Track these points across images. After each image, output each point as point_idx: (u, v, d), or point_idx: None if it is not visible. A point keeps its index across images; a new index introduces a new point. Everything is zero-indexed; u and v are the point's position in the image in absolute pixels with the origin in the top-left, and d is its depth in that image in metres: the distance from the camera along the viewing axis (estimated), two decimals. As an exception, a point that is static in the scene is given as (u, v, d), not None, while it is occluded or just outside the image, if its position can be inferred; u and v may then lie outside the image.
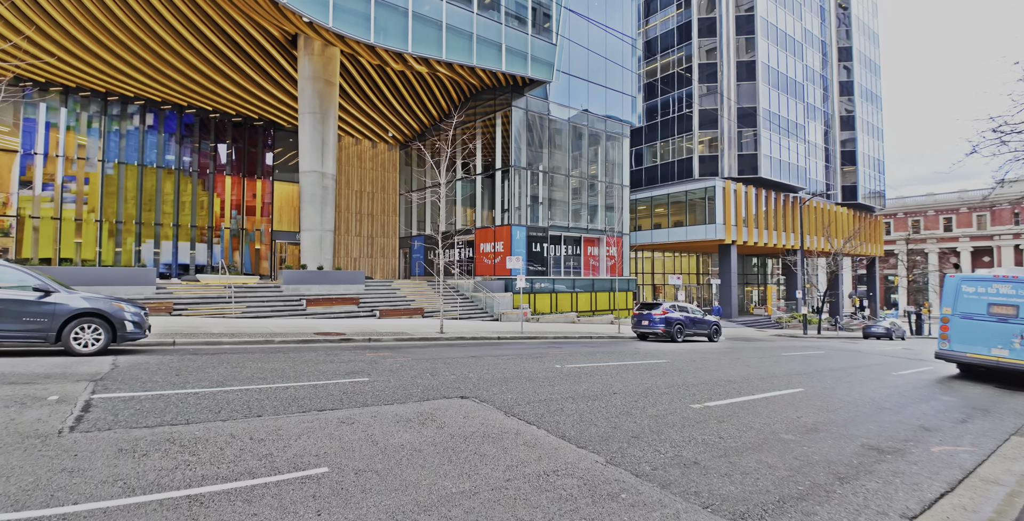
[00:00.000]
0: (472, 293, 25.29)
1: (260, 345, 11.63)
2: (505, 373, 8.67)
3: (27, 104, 23.23)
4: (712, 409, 6.92)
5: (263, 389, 6.44)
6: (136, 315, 9.36)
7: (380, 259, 34.46)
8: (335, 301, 20.07)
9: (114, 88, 24.58)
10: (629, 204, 32.57)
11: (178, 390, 6.11)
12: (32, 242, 23.06)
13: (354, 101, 27.62)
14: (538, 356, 11.57)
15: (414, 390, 6.86)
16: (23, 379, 6.16)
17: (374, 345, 12.69)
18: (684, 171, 38.91)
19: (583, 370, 9.59)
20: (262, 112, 28.18)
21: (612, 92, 30.56)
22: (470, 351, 12.10)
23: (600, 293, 28.91)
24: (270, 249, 29.54)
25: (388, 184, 34.81)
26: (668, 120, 40.85)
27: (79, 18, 19.26)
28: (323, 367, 8.46)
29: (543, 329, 20.42)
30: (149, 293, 16.79)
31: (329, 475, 3.71)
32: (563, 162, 28.84)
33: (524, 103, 26.33)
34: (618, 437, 5.21)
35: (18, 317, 8.19)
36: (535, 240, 26.66)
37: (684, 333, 19.95)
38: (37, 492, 3.12)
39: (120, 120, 25.50)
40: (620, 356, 12.68)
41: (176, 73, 23.23)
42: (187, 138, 27.27)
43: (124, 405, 5.26)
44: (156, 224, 26.04)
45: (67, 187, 24.07)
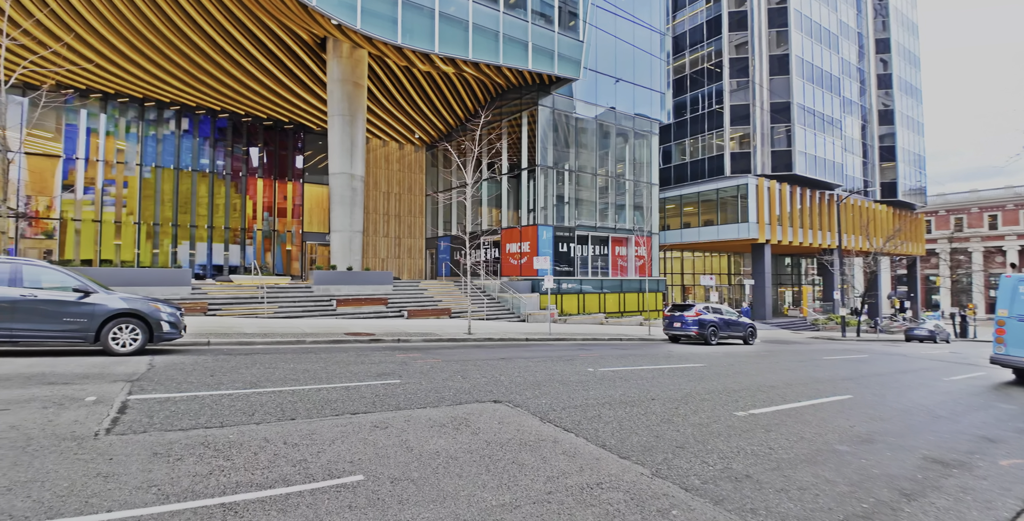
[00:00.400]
0: (499, 294, 25.16)
1: (292, 345, 11.70)
2: (537, 376, 8.47)
3: (68, 110, 24.11)
4: (758, 417, 6.58)
5: (296, 391, 6.39)
6: (172, 315, 9.49)
7: (407, 260, 34.67)
8: (364, 301, 20.19)
9: (151, 94, 25.32)
10: (658, 203, 31.96)
11: (212, 391, 6.10)
12: (74, 244, 23.91)
13: (381, 103, 27.83)
14: (568, 359, 11.32)
15: (446, 393, 6.72)
16: (62, 379, 6.24)
17: (403, 346, 12.65)
18: (715, 169, 38.01)
19: (617, 374, 9.31)
20: (292, 115, 28.64)
21: (640, 89, 30.04)
22: (499, 353, 11.93)
23: (629, 294, 28.42)
24: (301, 250, 30.00)
25: (414, 185, 35.00)
26: (697, 117, 39.99)
27: (116, 25, 19.87)
28: (354, 368, 8.41)
29: (571, 330, 20.14)
30: (185, 293, 17.17)
31: (364, 484, 3.57)
32: (590, 160, 28.48)
33: (550, 101, 26.08)
34: (662, 447, 4.95)
35: (59, 317, 8.38)
36: (562, 240, 26.38)
37: (718, 335, 19.39)
38: (71, 498, 3.06)
39: (156, 125, 26.26)
40: (654, 359, 12.33)
41: (209, 78, 23.78)
42: (220, 142, 27.91)
43: (159, 407, 5.25)
44: (191, 226, 26.73)
45: (107, 190, 24.89)
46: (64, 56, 20.54)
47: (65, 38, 18.50)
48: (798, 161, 36.97)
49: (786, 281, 48.19)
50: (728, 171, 37.05)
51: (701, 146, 39.50)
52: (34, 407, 4.89)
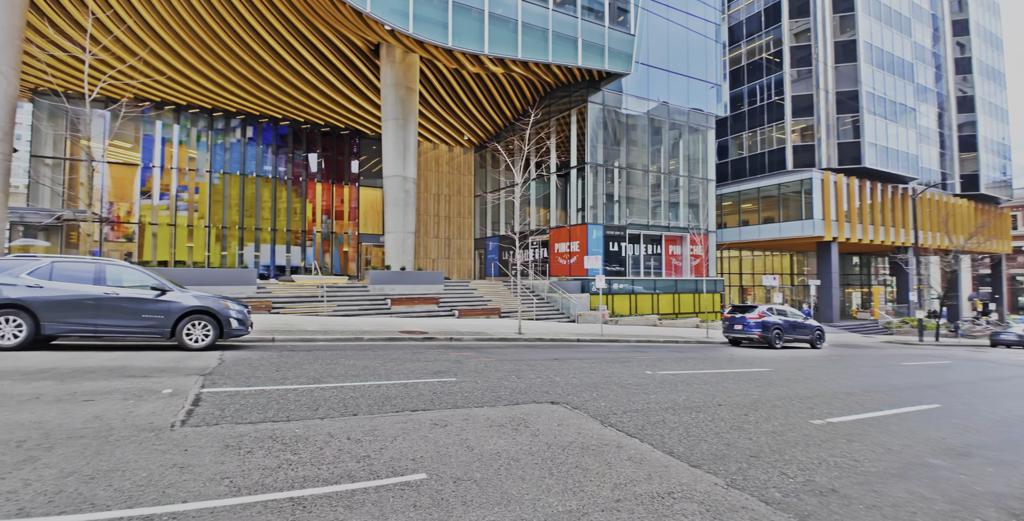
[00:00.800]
0: (547, 294, 24.97)
1: (350, 342, 12.00)
2: (593, 378, 8.24)
3: (145, 121, 25.91)
4: (837, 426, 6.11)
5: (356, 387, 6.49)
6: (240, 313, 9.92)
7: (456, 260, 35.08)
8: (417, 300, 20.53)
9: (219, 104, 26.82)
10: (715, 200, 30.77)
11: (278, 386, 6.28)
12: (151, 246, 25.66)
13: (432, 106, 28.28)
14: (624, 361, 11.01)
15: (502, 393, 6.63)
16: (141, 372, 6.61)
17: (456, 344, 12.71)
18: (775, 163, 36.22)
19: (677, 377, 8.94)
20: (347, 121, 29.58)
21: (695, 81, 29.04)
22: (551, 353, 11.77)
23: (684, 295, 27.50)
24: (356, 251, 30.96)
25: (463, 187, 35.37)
26: (755, 109, 38.27)
27: (186, 39, 21.15)
28: (411, 365, 8.48)
29: (623, 332, 19.68)
30: (251, 292, 18.04)
31: (427, 483, 3.52)
32: (641, 157, 27.79)
33: (600, 98, 25.64)
34: (734, 456, 4.65)
35: (138, 314, 8.92)
36: (612, 239, 25.86)
37: (783, 339, 18.44)
38: (149, 488, 3.16)
39: (224, 134, 27.80)
40: (715, 363, 11.80)
41: (271, 87, 24.92)
42: (282, 148, 29.22)
43: (230, 400, 5.44)
44: (256, 229, 28.11)
45: (180, 196, 26.58)
46: (140, 70, 22.09)
47: (140, 53, 19.88)
48: (867, 153, 34.65)
49: (854, 281, 45.30)
50: (790, 165, 35.21)
51: (760, 140, 37.76)
52: (115, 398, 5.18)
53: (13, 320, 8.02)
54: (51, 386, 5.51)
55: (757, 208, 36.74)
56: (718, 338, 19.82)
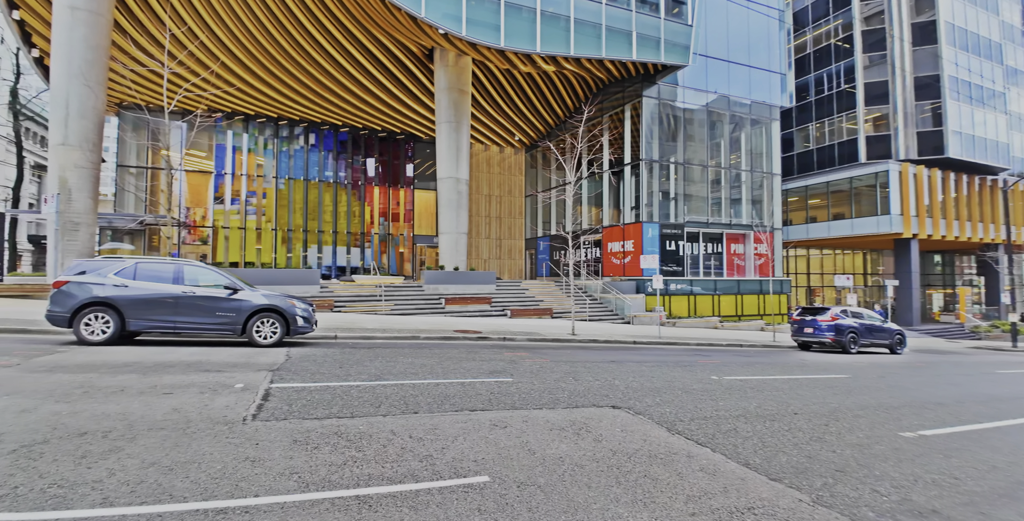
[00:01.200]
0: (601, 294, 24.51)
1: (408, 340, 12.20)
2: (654, 382, 7.93)
3: (217, 131, 27.57)
4: (930, 439, 5.55)
5: (416, 385, 6.53)
6: (305, 311, 10.28)
7: (507, 260, 35.16)
8: (470, 300, 20.69)
9: (284, 113, 28.16)
10: (780, 195, 29.18)
11: (342, 382, 6.41)
12: (223, 248, 27.27)
13: (483, 108, 28.48)
14: (686, 365, 10.56)
15: (560, 395, 6.47)
16: (215, 367, 6.93)
17: (509, 344, 12.65)
18: (846, 155, 33.95)
19: (746, 383, 8.46)
20: (403, 126, 30.30)
21: (756, 71, 27.68)
22: (607, 355, 11.47)
23: (747, 296, 26.23)
24: (411, 252, 31.67)
25: (514, 187, 35.41)
26: (823, 99, 36.04)
27: (254, 51, 22.31)
28: (466, 365, 8.48)
29: (682, 334, 19.00)
30: (314, 292, 18.78)
31: (491, 486, 3.43)
32: (700, 152, 26.76)
33: (656, 92, 24.91)
34: (817, 469, 4.28)
35: (212, 312, 9.41)
36: (669, 238, 25.05)
37: (858, 343, 17.21)
38: (223, 481, 3.24)
39: (288, 141, 29.17)
40: (785, 368, 11.11)
41: (331, 95, 25.89)
42: (342, 154, 30.33)
43: (297, 395, 5.59)
44: (318, 231, 29.31)
45: (249, 201, 28.10)
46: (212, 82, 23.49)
47: (212, 65, 21.13)
48: (951, 142, 31.83)
49: (935, 282, 41.77)
50: (863, 157, 32.89)
51: (828, 131, 35.51)
52: (193, 392, 5.43)
53: (102, 317, 8.66)
54: (135, 379, 5.87)
55: (826, 204, 34.55)
56: (785, 342, 18.76)
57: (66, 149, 16.81)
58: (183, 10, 19.95)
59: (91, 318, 8.62)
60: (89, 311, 8.63)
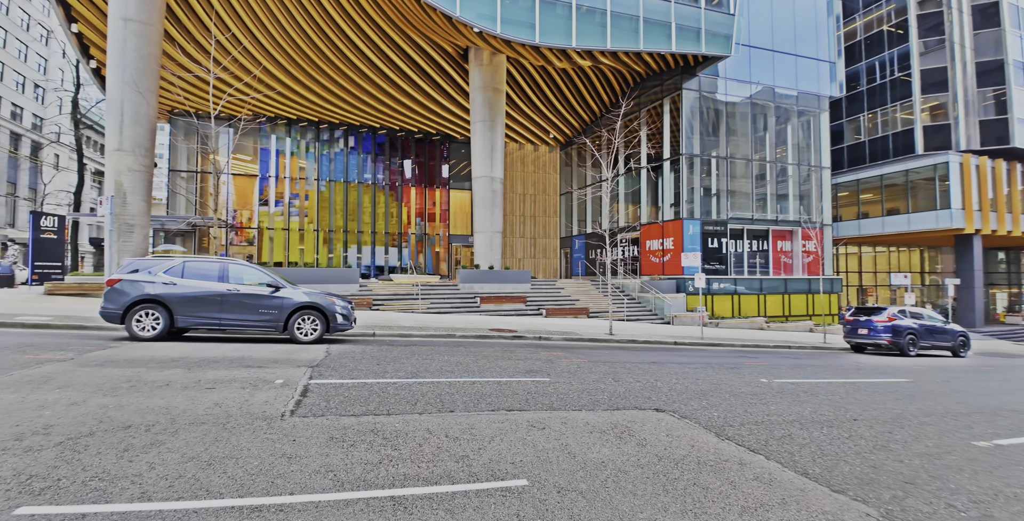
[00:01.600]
0: (639, 294, 23.97)
1: (444, 338, 12.19)
2: (699, 385, 7.58)
3: (262, 136, 28.47)
4: (1008, 450, 5.06)
5: (452, 383, 6.43)
6: (344, 308, 10.39)
7: (542, 259, 34.93)
8: (504, 299, 20.59)
9: (324, 117, 28.84)
10: (830, 189, 27.78)
11: (379, 379, 6.39)
12: (268, 249, 28.14)
13: (518, 106, 28.35)
14: (732, 367, 10.11)
15: (600, 396, 6.24)
16: (257, 363, 7.04)
17: (545, 344, 12.46)
18: (901, 146, 32.08)
19: (798, 387, 7.99)
20: (438, 126, 30.53)
21: (803, 60, 26.47)
22: (647, 356, 11.12)
23: (795, 295, 25.10)
24: (447, 251, 31.89)
25: (548, 185, 35.14)
26: (875, 88, 34.17)
27: (294, 56, 22.90)
28: (502, 363, 8.35)
29: (726, 335, 18.34)
30: (353, 290, 19.10)
31: (529, 490, 3.27)
32: (743, 146, 25.78)
33: (696, 84, 24.15)
34: (884, 481, 3.92)
35: (256, 309, 9.61)
36: (711, 235, 24.24)
37: (917, 345, 16.20)
38: (260, 478, 3.20)
39: (329, 144, 29.86)
40: (839, 371, 10.49)
41: (369, 97, 26.32)
42: (380, 156, 30.83)
43: (335, 392, 5.58)
44: (358, 232, 29.88)
45: (292, 203, 28.91)
46: (255, 87, 24.28)
47: (255, 71, 21.78)
48: (1018, 131, 29.56)
49: (999, 281, 38.95)
50: (920, 148, 30.98)
51: (881, 122, 33.64)
52: (234, 387, 5.50)
53: (152, 314, 8.97)
54: (180, 374, 6.00)
55: (880, 198, 32.73)
56: (837, 344, 17.83)
57: (121, 154, 17.65)
58: (228, 18, 20.66)
59: (142, 315, 8.94)
60: (140, 308, 8.95)
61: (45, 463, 3.24)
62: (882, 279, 37.37)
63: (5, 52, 39.06)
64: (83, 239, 46.71)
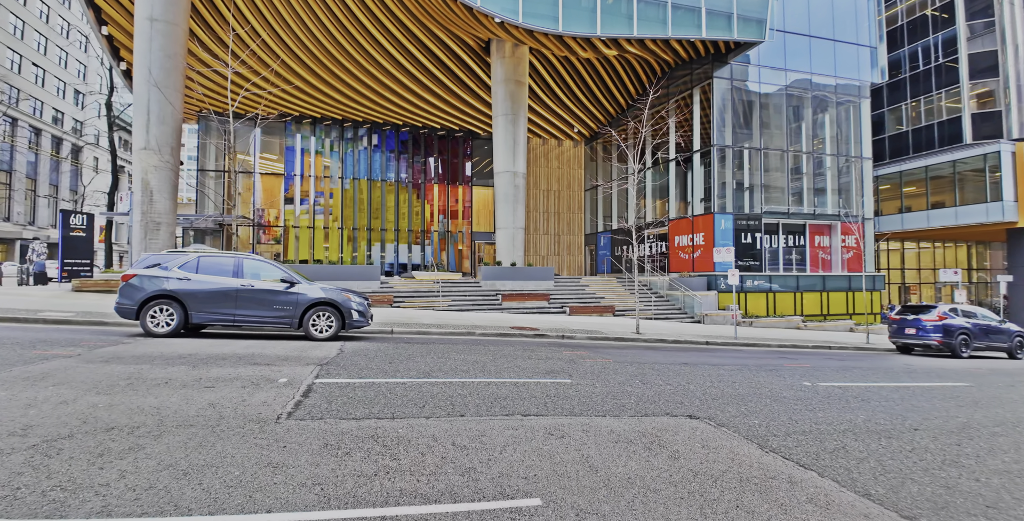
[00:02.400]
0: (667, 291, 23.18)
1: (463, 336, 11.82)
2: (737, 389, 6.99)
3: (287, 135, 28.67)
4: (1107, 468, 4.34)
5: (465, 383, 6.03)
6: (361, 305, 10.11)
7: (566, 256, 34.32)
8: (527, 297, 20.14)
9: (348, 115, 28.88)
10: (872, 181, 26.33)
11: (389, 379, 6.03)
12: (294, 247, 28.35)
13: (541, 100, 27.81)
14: (771, 368, 9.43)
15: (626, 401, 5.74)
16: (266, 361, 6.76)
17: (568, 343, 11.97)
18: (947, 136, 30.29)
19: (846, 391, 7.30)
20: (461, 123, 30.25)
21: (842, 45, 25.16)
22: (677, 357, 10.52)
23: (834, 293, 23.87)
24: (470, 249, 31.59)
25: (573, 181, 34.49)
26: (918, 75, 32.37)
27: (316, 53, 22.87)
28: (521, 363, 7.91)
29: (761, 335, 17.48)
30: (375, 287, 18.94)
31: (543, 512, 2.82)
32: (778, 136, 24.63)
33: (728, 72, 23.18)
34: (962, 505, 3.34)
35: (270, 305, 9.40)
36: (744, 230, 23.23)
37: (970, 346, 15.09)
38: (237, 491, 2.83)
39: (353, 142, 29.90)
40: (889, 374, 9.68)
41: (391, 94, 26.18)
42: (403, 153, 30.74)
43: (340, 392, 5.24)
44: (381, 230, 29.85)
45: (317, 201, 29.06)
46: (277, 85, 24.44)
47: (275, 66, 21.77)
48: (1082, 117, 27.54)
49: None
50: (968, 137, 29.17)
51: (925, 110, 31.84)
52: (235, 386, 5.20)
53: (166, 309, 8.83)
54: (183, 371, 5.75)
55: (924, 191, 30.99)
56: (881, 344, 16.78)
57: (147, 153, 17.86)
58: (251, 15, 20.73)
59: (156, 310, 8.82)
60: (154, 304, 8.83)
61: (10, 469, 2.95)
62: (926, 276, 35.49)
63: (46, 58, 40.52)
64: (122, 238, 48.23)
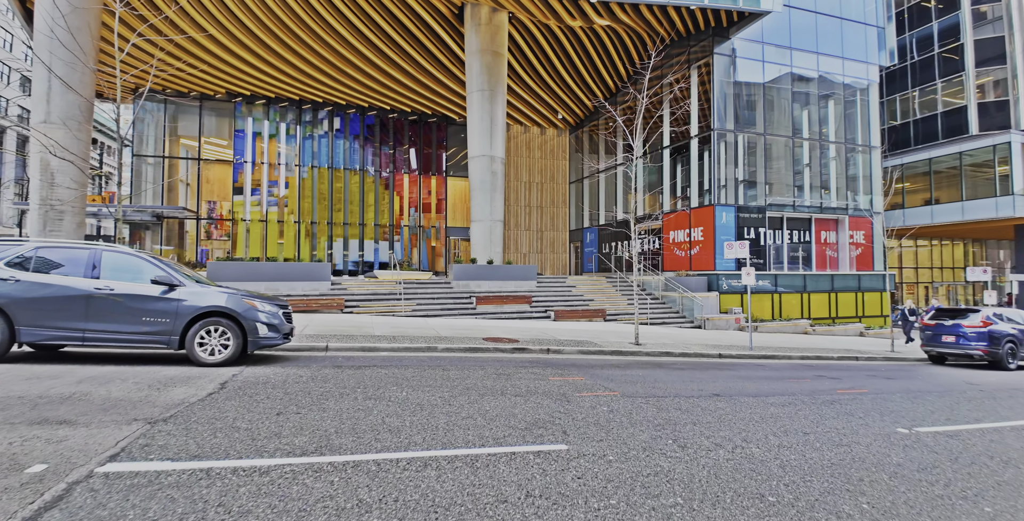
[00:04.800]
0: (663, 292, 20.85)
1: (421, 353, 9.19)
2: (821, 449, 4.48)
3: (237, 117, 25.55)
4: None
5: (378, 471, 3.39)
6: (272, 316, 7.41)
7: (550, 254, 31.82)
8: (506, 299, 17.55)
9: (306, 95, 25.88)
10: (881, 173, 24.35)
11: (238, 461, 3.37)
12: (244, 243, 25.25)
13: (522, 80, 25.21)
14: (827, 399, 6.98)
15: (667, 498, 3.17)
16: (77, 410, 4.01)
17: (555, 359, 9.43)
18: (951, 127, 28.61)
19: (969, 446, 4.78)
20: (434, 107, 27.50)
21: (850, 25, 23.13)
22: (698, 380, 8.05)
23: (843, 294, 21.77)
24: (445, 245, 28.85)
25: (557, 173, 32.00)
26: (920, 63, 30.70)
27: (268, 23, 19.87)
28: (489, 404, 5.32)
29: (773, 343, 15.19)
30: (324, 289, 16.12)
31: None
32: (782, 122, 22.41)
33: (729, 49, 20.88)
34: None
35: (137, 316, 6.65)
36: (747, 224, 20.96)
37: (1017, 355, 13.03)
38: None
39: (312, 126, 26.88)
40: (972, 401, 7.27)
41: (356, 71, 23.28)
42: (369, 140, 27.80)
43: (120, 498, 2.56)
44: (344, 224, 26.91)
45: (270, 191, 25.99)
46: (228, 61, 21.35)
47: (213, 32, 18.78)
48: (1092, 107, 26.09)
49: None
50: (975, 129, 27.51)
51: (927, 101, 30.18)
52: None
53: (-41, 325, 6.02)
54: None
55: (928, 185, 29.30)
56: (908, 352, 14.63)
57: (48, 127, 14.80)
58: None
59: (-53, 327, 6.00)
60: (-54, 317, 6.02)
61: None
62: (923, 275, 34.02)
63: (-26, 34, 36.43)
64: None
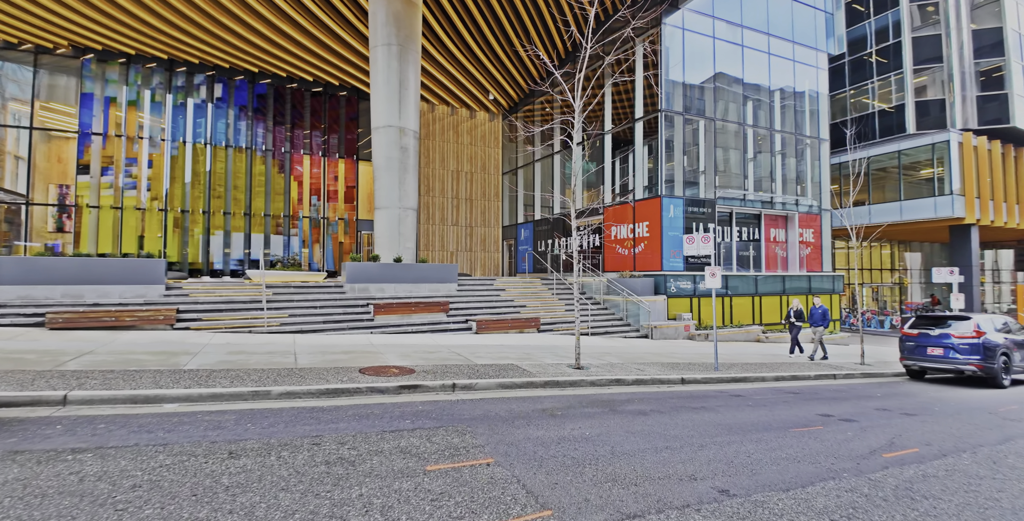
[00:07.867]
0: (605, 296, 18.08)
1: (244, 402, 5.49)
2: None
3: (85, 77, 20.23)
4: None
5: None
6: None
7: (481, 253, 28.47)
8: (415, 307, 13.95)
9: (178, 54, 20.99)
10: (829, 168, 22.90)
11: None
12: (90, 235, 19.98)
13: (446, 48, 21.64)
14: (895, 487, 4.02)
15: None
16: None
17: (461, 401, 6.07)
18: (889, 126, 28.09)
19: None
20: (343, 76, 23.34)
21: (800, 6, 21.47)
22: (676, 444, 4.94)
23: (793, 297, 19.88)
24: (354, 240, 24.68)
25: (489, 162, 28.70)
26: (860, 60, 30.18)
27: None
28: None
29: (737, 357, 12.63)
30: (154, 296, 11.76)
31: None
32: (731, 107, 20.32)
33: (679, 20, 18.41)
34: None
35: None
36: (695, 219, 18.56)
37: (1011, 370, 11.19)
38: None
39: (186, 93, 21.92)
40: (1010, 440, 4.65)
41: (240, 25, 18.77)
42: (260, 112, 23.16)
43: None
44: (225, 213, 22.16)
45: (128, 171, 20.80)
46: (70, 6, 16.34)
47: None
48: (1018, 109, 26.23)
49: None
50: (912, 127, 27.03)
51: (866, 98, 29.66)
52: None
53: None
54: None
55: (867, 185, 28.67)
56: (886, 365, 12.56)
57: None
58: None
59: None
60: None
61: None
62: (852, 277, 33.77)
63: None
64: None
